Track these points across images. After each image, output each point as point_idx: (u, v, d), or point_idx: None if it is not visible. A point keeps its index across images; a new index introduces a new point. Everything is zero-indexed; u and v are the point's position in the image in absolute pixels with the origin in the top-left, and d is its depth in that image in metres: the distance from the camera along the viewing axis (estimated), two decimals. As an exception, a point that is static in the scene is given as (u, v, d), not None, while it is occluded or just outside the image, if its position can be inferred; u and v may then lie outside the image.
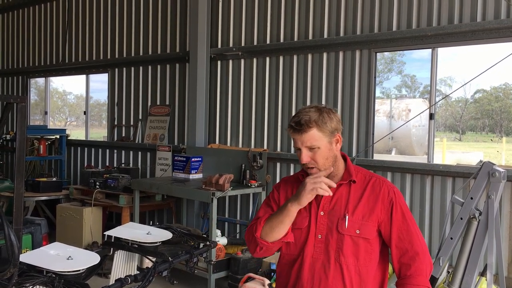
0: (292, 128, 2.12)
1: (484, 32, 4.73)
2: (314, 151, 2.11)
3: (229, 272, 5.48)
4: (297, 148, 2.16)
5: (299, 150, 2.15)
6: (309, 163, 2.13)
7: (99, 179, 6.99)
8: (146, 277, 2.70)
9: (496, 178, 3.12)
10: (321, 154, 2.12)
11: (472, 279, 3.18)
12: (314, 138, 2.10)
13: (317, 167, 2.13)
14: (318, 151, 2.11)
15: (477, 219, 3.18)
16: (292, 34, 6.11)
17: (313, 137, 2.10)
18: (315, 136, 2.10)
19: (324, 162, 2.13)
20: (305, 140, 2.10)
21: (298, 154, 2.17)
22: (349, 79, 5.64)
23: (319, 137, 2.10)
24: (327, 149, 2.14)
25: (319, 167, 2.13)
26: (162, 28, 7.55)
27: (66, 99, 13.78)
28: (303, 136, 2.10)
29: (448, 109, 14.32)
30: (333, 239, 2.13)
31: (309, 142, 2.10)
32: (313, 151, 2.12)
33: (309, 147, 2.11)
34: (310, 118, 2.09)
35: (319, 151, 2.12)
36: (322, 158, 2.13)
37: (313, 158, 2.12)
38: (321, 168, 2.14)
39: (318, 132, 2.10)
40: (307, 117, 2.10)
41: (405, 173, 5.24)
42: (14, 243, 2.02)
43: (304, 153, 2.12)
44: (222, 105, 6.86)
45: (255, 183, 5.94)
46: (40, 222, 4.30)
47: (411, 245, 2.11)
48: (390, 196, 2.15)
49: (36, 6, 9.77)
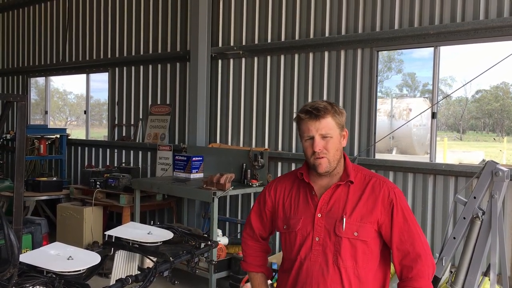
0: (309, 114, 2.09)
1: (487, 30, 4.70)
2: (327, 140, 2.09)
3: (230, 272, 5.47)
4: (308, 137, 2.11)
5: (309, 139, 2.11)
6: (321, 152, 2.09)
7: (100, 178, 6.98)
8: (147, 277, 2.68)
9: (500, 177, 3.10)
10: (333, 144, 2.10)
11: (475, 279, 3.16)
12: (329, 126, 2.09)
13: (328, 157, 2.10)
14: (331, 140, 2.10)
15: (480, 219, 3.16)
16: (293, 33, 6.09)
17: (328, 124, 2.09)
18: (330, 124, 2.09)
19: (334, 153, 2.12)
20: (321, 126, 2.08)
21: (306, 145, 2.13)
22: (351, 78, 5.62)
23: (333, 126, 2.10)
24: (338, 140, 2.13)
25: (330, 157, 2.11)
26: (162, 27, 7.53)
27: (66, 99, 13.75)
28: (320, 122, 2.08)
29: (449, 109, 14.31)
30: (331, 241, 2.09)
31: (324, 130, 2.08)
32: (326, 139, 2.09)
33: (323, 135, 2.09)
34: (326, 106, 2.10)
35: (332, 140, 2.10)
36: (333, 148, 2.11)
37: (326, 147, 2.10)
38: (331, 159, 2.11)
39: (333, 121, 2.10)
40: (322, 105, 2.10)
41: (407, 172, 5.22)
42: (14, 243, 2.00)
43: (318, 140, 2.09)
44: (223, 104, 6.85)
45: (256, 182, 5.93)
46: (40, 222, 4.28)
47: (412, 247, 2.08)
48: (391, 197, 2.12)
49: (36, 5, 9.76)
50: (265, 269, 2.45)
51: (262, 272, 2.43)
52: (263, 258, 2.46)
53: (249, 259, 2.44)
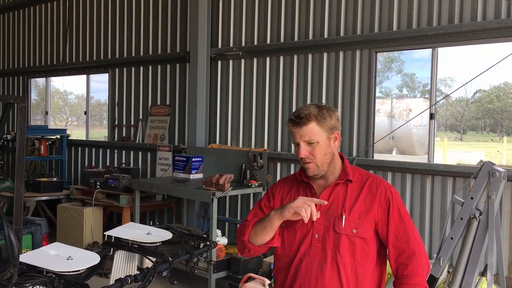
0: (292, 122, 2.14)
1: (484, 31, 4.72)
2: (313, 145, 2.12)
3: (229, 272, 5.48)
4: (296, 143, 2.16)
5: (297, 145, 2.15)
6: (307, 158, 2.13)
7: (100, 179, 7.00)
8: (146, 277, 2.69)
9: (497, 178, 3.11)
10: (319, 149, 2.13)
11: (473, 279, 3.17)
12: (312, 132, 2.11)
13: (315, 162, 2.14)
14: (316, 146, 2.12)
15: (477, 219, 3.17)
16: (293, 34, 6.11)
17: (311, 131, 2.11)
18: (313, 130, 2.11)
19: (322, 158, 2.14)
20: (304, 133, 2.12)
21: (296, 150, 2.18)
22: (349, 79, 5.64)
23: (318, 131, 2.12)
24: (326, 144, 2.15)
25: (317, 162, 2.14)
26: (162, 28, 7.55)
27: (67, 99, 13.78)
28: (302, 129, 2.11)
29: (448, 109, 14.31)
30: (330, 238, 2.12)
31: (308, 136, 2.11)
32: (311, 145, 2.12)
33: (308, 141, 2.12)
34: (310, 113, 2.12)
35: (318, 146, 2.13)
36: (320, 153, 2.13)
37: (312, 153, 2.13)
38: (319, 163, 2.14)
39: (317, 127, 2.12)
40: (306, 111, 2.12)
41: (405, 173, 5.24)
42: (14, 243, 2.01)
43: (303, 147, 2.13)
44: (223, 105, 6.86)
45: (256, 183, 5.95)
46: (40, 222, 4.28)
47: (408, 244, 2.11)
48: (387, 195, 2.16)
49: (37, 6, 9.78)
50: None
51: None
52: None
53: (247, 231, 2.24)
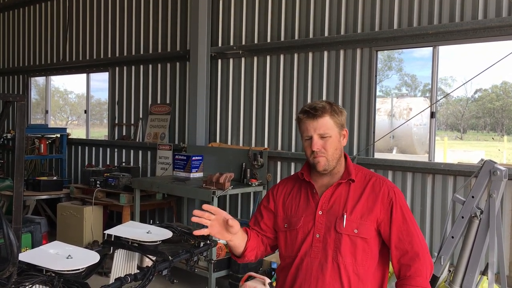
0: (307, 113, 2.12)
1: (485, 30, 4.70)
2: (326, 139, 2.12)
3: (229, 271, 5.47)
4: (307, 137, 2.14)
5: (308, 139, 2.14)
6: (319, 151, 2.12)
7: (100, 178, 6.99)
8: (146, 276, 2.69)
9: (498, 176, 3.11)
10: (332, 143, 2.13)
11: (474, 278, 3.17)
12: (327, 125, 2.11)
13: (326, 156, 2.13)
14: (329, 140, 2.12)
15: (478, 218, 3.17)
16: (293, 33, 6.10)
17: (326, 124, 2.11)
18: (328, 124, 2.12)
19: (333, 152, 2.14)
20: (318, 126, 2.11)
21: (306, 145, 2.16)
22: (350, 78, 5.63)
23: (332, 125, 2.12)
24: (337, 140, 2.15)
25: (328, 156, 2.13)
26: (162, 26, 7.54)
27: (67, 98, 13.77)
28: (318, 121, 2.11)
29: (449, 108, 14.30)
30: (331, 238, 2.11)
31: (322, 129, 2.11)
32: (324, 139, 2.12)
33: (321, 134, 2.11)
34: (324, 106, 2.12)
35: (330, 140, 2.12)
36: (332, 148, 2.13)
37: (324, 147, 2.12)
38: (330, 158, 2.13)
39: (331, 121, 2.12)
40: (321, 105, 2.13)
41: (406, 171, 5.23)
42: (14, 242, 2.01)
43: (316, 140, 2.11)
44: (223, 103, 6.86)
45: (256, 181, 5.94)
46: (40, 221, 4.28)
47: (411, 245, 2.09)
48: (390, 196, 2.14)
49: (37, 4, 9.76)
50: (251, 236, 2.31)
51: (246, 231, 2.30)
52: (258, 241, 2.32)
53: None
